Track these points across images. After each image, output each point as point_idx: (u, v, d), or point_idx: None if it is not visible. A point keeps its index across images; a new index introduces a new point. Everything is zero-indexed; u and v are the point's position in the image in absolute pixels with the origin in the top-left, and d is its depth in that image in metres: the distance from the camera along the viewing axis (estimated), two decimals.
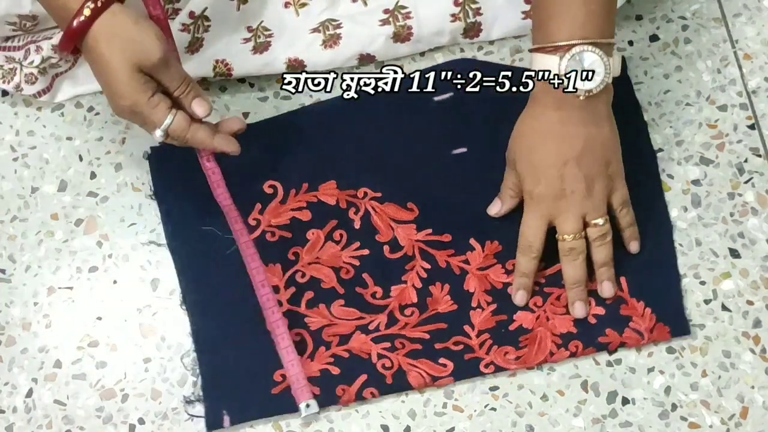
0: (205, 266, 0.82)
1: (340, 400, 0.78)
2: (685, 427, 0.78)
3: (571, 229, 0.77)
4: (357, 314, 0.81)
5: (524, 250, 0.79)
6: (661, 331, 0.80)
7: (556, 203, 0.77)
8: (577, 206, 0.77)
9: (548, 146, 0.76)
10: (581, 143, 0.76)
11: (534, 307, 0.81)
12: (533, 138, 0.77)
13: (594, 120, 0.76)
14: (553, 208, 0.77)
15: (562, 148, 0.76)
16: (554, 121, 0.76)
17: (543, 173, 0.76)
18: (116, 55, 0.72)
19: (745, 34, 0.92)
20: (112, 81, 0.73)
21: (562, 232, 0.78)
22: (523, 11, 0.90)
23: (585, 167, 0.76)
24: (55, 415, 0.79)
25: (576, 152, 0.76)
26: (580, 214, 0.77)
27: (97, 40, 0.72)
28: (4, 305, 0.83)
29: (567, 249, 0.78)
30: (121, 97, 0.73)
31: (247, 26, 0.88)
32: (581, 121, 0.76)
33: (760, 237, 0.84)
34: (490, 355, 0.79)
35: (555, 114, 0.76)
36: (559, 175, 0.76)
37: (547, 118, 0.76)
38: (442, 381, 0.79)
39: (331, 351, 0.79)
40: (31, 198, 0.87)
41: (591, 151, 0.76)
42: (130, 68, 0.72)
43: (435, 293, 0.82)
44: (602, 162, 0.77)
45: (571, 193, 0.76)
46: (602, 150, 0.77)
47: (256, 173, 0.85)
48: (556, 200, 0.77)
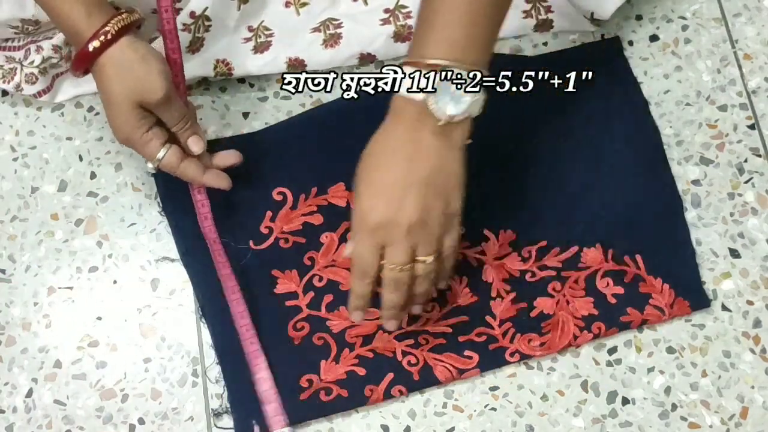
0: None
1: (368, 401, 0.78)
2: (685, 427, 0.78)
3: (399, 261, 0.71)
4: (378, 313, 0.81)
5: (359, 276, 0.73)
6: (681, 306, 0.80)
7: (389, 230, 0.70)
8: (410, 238, 0.70)
9: (395, 164, 0.70)
10: (429, 169, 0.69)
11: (553, 291, 0.81)
12: (381, 154, 0.71)
13: (447, 149, 0.70)
14: (386, 235, 0.70)
15: (410, 168, 0.69)
16: (406, 140, 0.69)
17: (384, 192, 0.70)
18: (118, 88, 0.73)
19: (745, 34, 0.92)
20: (111, 112, 0.75)
21: (389, 261, 0.71)
22: (524, 11, 0.90)
23: (427, 197, 0.69)
24: (55, 415, 0.79)
25: (422, 176, 0.69)
26: (412, 246, 0.71)
27: (103, 71, 0.73)
28: (4, 305, 0.83)
29: (391, 279, 0.72)
30: (117, 130, 0.75)
31: (248, 26, 0.88)
32: (434, 146, 0.69)
33: (760, 237, 0.84)
34: (515, 343, 0.80)
35: (409, 134, 0.69)
36: (399, 197, 0.69)
37: (399, 135, 0.70)
38: (469, 373, 0.79)
39: (356, 352, 0.80)
40: (31, 198, 0.87)
41: (436, 180, 0.69)
42: (130, 104, 0.73)
43: (454, 287, 0.82)
44: (444, 196, 0.70)
45: (407, 222, 0.69)
46: (447, 182, 0.70)
47: (264, 181, 0.85)
48: (391, 227, 0.70)
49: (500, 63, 0.89)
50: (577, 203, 0.84)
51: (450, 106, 0.68)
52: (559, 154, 0.86)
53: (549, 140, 0.87)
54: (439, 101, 0.68)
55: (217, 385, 0.80)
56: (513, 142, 0.87)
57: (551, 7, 0.90)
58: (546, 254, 0.83)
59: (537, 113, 0.87)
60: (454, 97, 0.68)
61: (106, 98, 0.74)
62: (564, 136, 0.87)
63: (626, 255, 0.83)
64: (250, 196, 0.84)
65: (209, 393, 0.80)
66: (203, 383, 0.80)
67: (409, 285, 0.73)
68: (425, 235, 0.70)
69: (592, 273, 0.82)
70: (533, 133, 0.87)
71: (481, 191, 0.85)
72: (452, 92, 0.68)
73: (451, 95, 0.68)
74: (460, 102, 0.68)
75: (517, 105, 0.87)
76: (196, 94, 0.90)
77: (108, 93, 0.74)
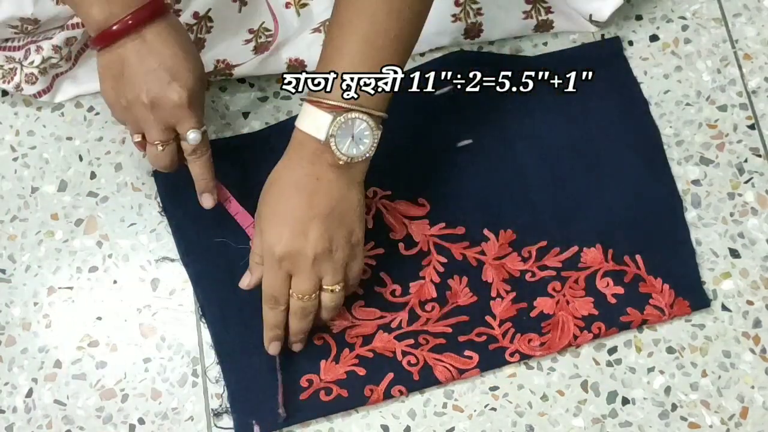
0: (221, 278, 0.82)
1: (368, 401, 0.78)
2: (685, 427, 0.78)
3: (305, 290, 0.73)
4: (378, 313, 0.81)
5: (270, 304, 0.75)
6: (681, 306, 0.80)
7: (296, 260, 0.72)
8: (316, 267, 0.72)
9: (298, 198, 0.71)
10: (331, 203, 0.71)
11: (553, 291, 0.81)
12: (283, 189, 0.73)
13: (347, 183, 0.72)
14: (293, 264, 0.72)
15: (312, 202, 0.71)
16: (308, 176, 0.71)
17: (288, 223, 0.72)
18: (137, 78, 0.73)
19: (745, 34, 0.92)
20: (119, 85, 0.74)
21: (296, 290, 0.73)
22: (524, 11, 0.90)
23: (330, 228, 0.72)
24: (55, 415, 0.79)
25: (324, 210, 0.71)
26: (318, 276, 0.73)
27: (126, 54, 0.72)
28: (4, 305, 0.83)
29: (298, 307, 0.74)
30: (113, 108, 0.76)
31: (249, 28, 0.88)
32: (335, 181, 0.71)
33: (760, 237, 0.84)
34: (515, 343, 0.80)
35: (310, 168, 0.71)
36: (304, 230, 0.71)
37: (300, 170, 0.71)
38: (469, 373, 0.79)
39: (356, 352, 0.80)
40: (31, 198, 0.87)
41: (339, 213, 0.72)
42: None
43: (454, 286, 0.82)
44: (347, 228, 0.73)
45: (312, 252, 0.72)
46: (349, 215, 0.73)
47: (263, 181, 0.85)
48: (297, 257, 0.72)
49: (500, 63, 0.89)
50: (577, 203, 0.85)
51: (351, 149, 0.70)
52: (559, 154, 0.86)
53: (549, 140, 0.87)
54: (340, 144, 0.70)
55: (217, 385, 0.80)
56: (513, 142, 0.87)
57: (551, 7, 0.90)
58: (546, 254, 0.83)
59: (537, 113, 0.87)
60: (355, 139, 0.70)
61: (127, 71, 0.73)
62: (564, 136, 0.87)
63: (626, 255, 0.83)
64: (249, 198, 0.84)
65: (209, 393, 0.80)
66: (203, 383, 0.80)
67: (316, 313, 0.76)
68: (332, 264, 0.73)
69: (592, 273, 0.82)
70: (533, 134, 0.87)
71: (481, 191, 0.85)
72: (353, 134, 0.70)
73: (352, 138, 0.70)
74: (360, 144, 0.71)
75: (517, 105, 0.87)
76: None
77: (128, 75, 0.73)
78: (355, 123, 0.70)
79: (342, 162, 0.71)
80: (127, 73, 0.73)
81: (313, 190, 0.71)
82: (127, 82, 0.73)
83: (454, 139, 0.87)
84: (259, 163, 0.81)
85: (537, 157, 0.86)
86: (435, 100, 0.88)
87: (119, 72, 0.73)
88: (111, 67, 0.73)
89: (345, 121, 0.70)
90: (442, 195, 0.85)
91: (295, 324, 0.76)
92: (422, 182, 0.85)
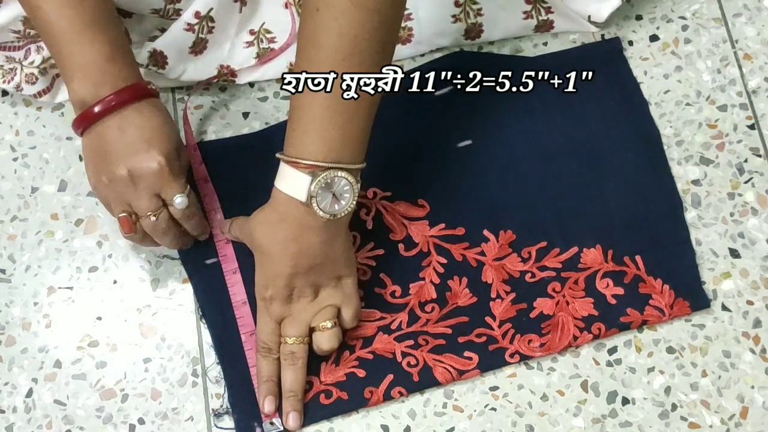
0: (220, 278, 0.82)
1: (368, 403, 0.78)
2: (685, 427, 0.78)
3: (294, 333, 0.76)
4: (378, 315, 0.81)
5: (263, 352, 0.77)
6: (681, 307, 0.80)
7: (283, 306, 0.76)
8: (303, 311, 0.76)
9: (285, 256, 0.73)
10: (315, 261, 0.73)
11: (553, 292, 0.81)
12: (271, 244, 0.74)
13: (330, 237, 0.73)
14: (282, 310, 0.76)
15: (297, 262, 0.73)
16: (292, 238, 0.73)
17: (272, 280, 0.75)
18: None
19: (745, 34, 0.92)
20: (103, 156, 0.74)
21: (285, 335, 0.77)
22: (524, 11, 0.90)
23: (314, 278, 0.75)
24: (55, 415, 0.79)
25: (310, 265, 0.74)
26: (305, 320, 0.76)
27: (105, 132, 0.73)
28: (4, 305, 0.83)
29: (288, 352, 0.77)
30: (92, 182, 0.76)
31: (250, 30, 0.88)
32: (318, 242, 0.73)
33: (760, 237, 0.84)
34: (514, 344, 0.80)
35: (291, 231, 0.73)
36: (287, 284, 0.74)
37: (282, 233, 0.73)
38: (469, 374, 0.79)
39: (356, 354, 0.80)
40: (31, 198, 0.87)
41: (322, 265, 0.74)
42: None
43: (453, 287, 0.82)
44: (333, 274, 0.76)
45: (298, 299, 0.76)
46: (334, 265, 0.75)
47: (264, 181, 0.85)
48: (285, 304, 0.76)
49: (500, 63, 0.89)
50: (576, 204, 0.85)
51: (333, 206, 0.71)
52: (559, 155, 0.86)
53: (549, 141, 0.87)
54: (321, 202, 0.71)
55: (217, 385, 0.80)
56: (513, 142, 0.87)
57: (551, 7, 0.90)
58: (546, 255, 0.83)
59: (537, 113, 0.87)
60: (336, 195, 0.71)
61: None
62: (564, 137, 0.87)
63: (626, 255, 0.83)
64: (249, 200, 0.84)
65: (209, 393, 0.80)
66: (203, 383, 0.80)
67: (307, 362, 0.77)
68: (319, 306, 0.76)
69: (592, 274, 0.82)
70: (533, 134, 0.87)
71: (481, 192, 0.85)
72: (334, 192, 0.71)
73: (333, 195, 0.71)
74: (341, 199, 0.71)
75: (517, 105, 0.87)
76: (195, 93, 0.90)
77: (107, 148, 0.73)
78: (334, 181, 0.70)
79: (324, 220, 0.71)
80: (107, 149, 0.73)
81: (296, 253, 0.73)
82: (108, 158, 0.73)
83: (454, 140, 0.87)
84: (259, 163, 0.81)
85: (537, 157, 0.86)
86: (435, 101, 0.88)
87: (102, 150, 0.73)
88: (93, 148, 0.74)
89: (325, 179, 0.70)
90: (442, 196, 0.85)
91: (286, 375, 0.77)
92: (422, 183, 0.85)
